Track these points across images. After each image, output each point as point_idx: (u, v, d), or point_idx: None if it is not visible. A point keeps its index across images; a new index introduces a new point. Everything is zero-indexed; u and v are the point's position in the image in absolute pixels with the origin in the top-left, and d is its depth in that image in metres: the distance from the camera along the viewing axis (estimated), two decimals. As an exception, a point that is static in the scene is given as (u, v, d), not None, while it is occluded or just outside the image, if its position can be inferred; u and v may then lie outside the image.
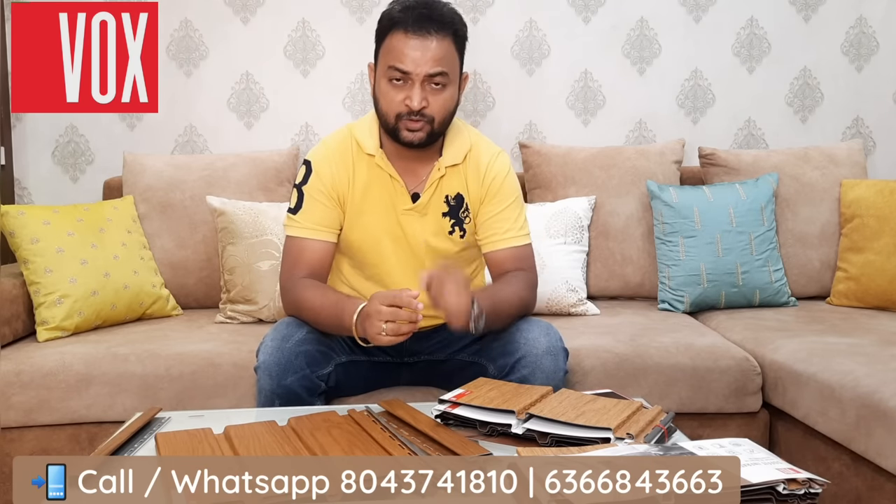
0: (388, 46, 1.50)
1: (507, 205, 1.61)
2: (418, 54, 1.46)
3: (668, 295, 2.28)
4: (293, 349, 1.48)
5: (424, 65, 1.46)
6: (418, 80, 1.47)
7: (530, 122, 2.70)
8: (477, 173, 1.60)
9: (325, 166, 1.58)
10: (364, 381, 1.65)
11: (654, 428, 1.16)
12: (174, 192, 2.34)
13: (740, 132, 2.73)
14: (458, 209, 1.60)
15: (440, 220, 1.60)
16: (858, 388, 1.57)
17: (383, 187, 1.58)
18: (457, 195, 1.60)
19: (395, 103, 1.50)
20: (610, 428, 1.12)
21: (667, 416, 1.24)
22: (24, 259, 2.01)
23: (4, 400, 1.78)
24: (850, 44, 2.71)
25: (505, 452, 1.11)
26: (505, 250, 1.60)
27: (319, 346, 1.52)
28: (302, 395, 1.47)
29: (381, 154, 1.57)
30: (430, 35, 1.46)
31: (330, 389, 1.56)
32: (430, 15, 1.47)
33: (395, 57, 1.48)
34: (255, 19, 2.62)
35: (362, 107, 2.65)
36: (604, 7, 2.67)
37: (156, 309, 2.20)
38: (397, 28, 1.48)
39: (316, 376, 1.50)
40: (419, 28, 1.46)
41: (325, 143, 1.64)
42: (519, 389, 1.33)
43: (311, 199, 1.57)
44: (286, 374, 1.46)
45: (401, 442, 1.17)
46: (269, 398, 1.47)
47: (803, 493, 0.88)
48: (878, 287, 2.22)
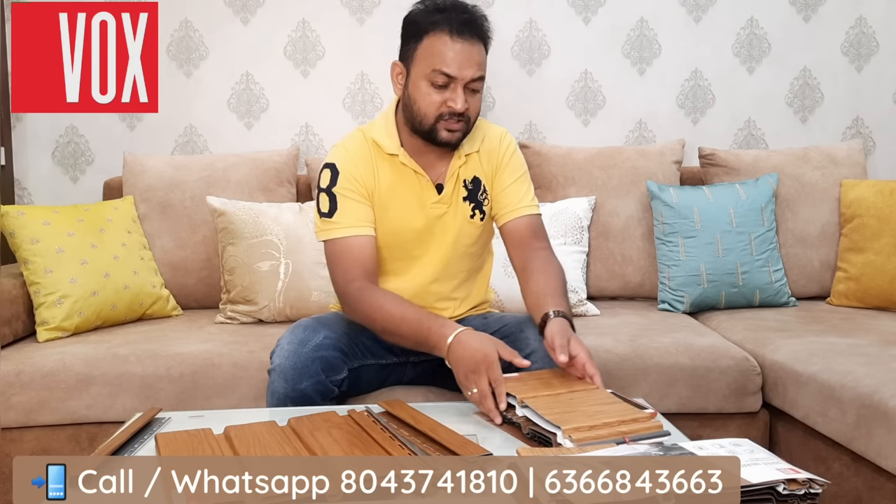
0: (428, 49, 1.51)
1: (517, 176, 1.65)
2: (464, 58, 1.49)
3: (668, 295, 2.28)
4: (310, 354, 1.48)
5: (469, 69, 1.50)
6: (461, 84, 1.50)
7: (530, 123, 2.70)
8: (488, 153, 1.65)
9: (350, 166, 1.59)
10: (370, 382, 1.65)
11: (617, 438, 1.13)
12: (174, 193, 2.34)
13: (740, 132, 2.73)
14: (477, 192, 1.64)
15: (462, 205, 1.63)
16: (858, 388, 1.57)
17: (409, 184, 1.60)
18: (473, 178, 1.63)
19: (435, 105, 1.52)
20: (559, 427, 1.13)
21: (650, 433, 1.17)
22: (24, 259, 2.01)
23: (4, 400, 1.78)
24: (850, 44, 2.71)
25: (505, 452, 1.11)
26: (521, 219, 1.63)
27: (336, 351, 1.51)
28: (315, 399, 1.47)
29: (403, 152, 1.59)
30: (474, 40, 1.51)
31: (342, 394, 1.56)
32: (472, 20, 1.52)
33: (440, 60, 1.49)
34: (255, 19, 2.62)
35: (362, 107, 2.65)
36: (604, 7, 2.67)
37: (156, 309, 2.20)
38: (440, 30, 1.50)
39: (331, 381, 1.49)
40: (463, 32, 1.50)
41: (343, 145, 1.63)
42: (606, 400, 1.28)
43: (345, 198, 1.57)
44: (302, 378, 1.46)
45: (401, 442, 1.17)
46: (283, 401, 1.47)
47: (803, 494, 0.88)
48: (878, 287, 2.22)
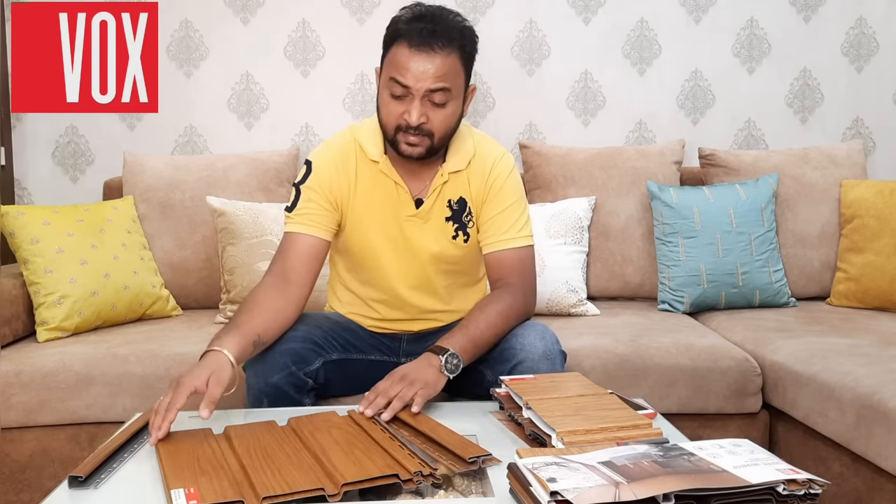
0: (391, 57, 1.48)
1: (507, 206, 1.59)
2: (420, 70, 1.43)
3: (668, 295, 2.28)
4: (277, 347, 1.48)
5: (425, 81, 1.43)
6: (418, 96, 1.44)
7: (530, 123, 2.70)
8: (480, 176, 1.59)
9: (325, 169, 1.57)
10: (360, 380, 1.64)
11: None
12: (174, 193, 2.34)
13: (740, 133, 2.73)
14: (462, 213, 1.59)
15: (443, 225, 1.59)
16: (858, 389, 1.57)
17: (387, 193, 1.57)
18: (459, 199, 1.59)
19: (393, 116, 1.48)
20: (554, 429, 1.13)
21: (648, 440, 1.14)
22: (24, 259, 2.01)
23: (4, 400, 1.78)
24: (850, 44, 2.71)
25: (505, 453, 1.11)
26: (502, 252, 1.58)
27: (305, 343, 1.52)
28: (290, 393, 1.47)
29: (385, 160, 1.56)
30: (433, 51, 1.43)
31: (321, 386, 1.56)
32: (434, 30, 1.44)
33: (396, 69, 1.45)
34: (255, 20, 2.62)
35: (362, 107, 2.65)
36: (604, 7, 2.67)
37: (156, 309, 2.20)
38: (402, 40, 1.45)
39: (303, 373, 1.49)
40: (422, 44, 1.43)
41: (329, 144, 1.62)
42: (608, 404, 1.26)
43: (307, 198, 1.56)
44: (272, 372, 1.46)
45: (401, 442, 1.17)
46: (258, 397, 1.47)
47: (803, 494, 0.88)
48: (878, 287, 2.22)
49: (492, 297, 1.56)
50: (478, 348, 1.47)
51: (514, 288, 1.56)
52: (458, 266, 1.63)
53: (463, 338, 1.45)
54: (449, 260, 1.61)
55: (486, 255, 1.61)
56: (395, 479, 1.04)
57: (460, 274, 1.66)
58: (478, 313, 1.51)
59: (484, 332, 1.48)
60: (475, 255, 1.65)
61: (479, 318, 1.50)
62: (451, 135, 1.54)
